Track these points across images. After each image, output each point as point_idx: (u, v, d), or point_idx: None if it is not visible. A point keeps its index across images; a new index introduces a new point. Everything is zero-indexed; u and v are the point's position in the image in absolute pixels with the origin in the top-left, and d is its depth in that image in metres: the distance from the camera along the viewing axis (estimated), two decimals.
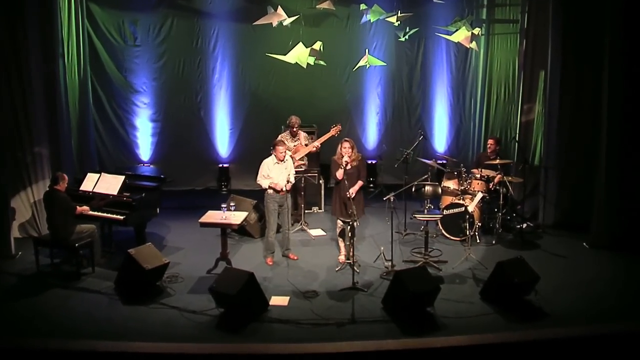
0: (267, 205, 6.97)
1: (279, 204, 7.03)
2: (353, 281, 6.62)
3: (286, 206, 7.07)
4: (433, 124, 11.11)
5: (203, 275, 6.97)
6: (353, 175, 7.16)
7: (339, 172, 7.12)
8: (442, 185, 8.48)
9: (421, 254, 7.42)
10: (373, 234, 8.44)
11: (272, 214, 7.01)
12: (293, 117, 8.47)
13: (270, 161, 7.00)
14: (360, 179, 7.24)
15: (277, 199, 6.99)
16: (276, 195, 6.96)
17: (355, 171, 7.19)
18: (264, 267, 7.21)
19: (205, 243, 7.98)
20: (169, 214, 8.92)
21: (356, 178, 7.19)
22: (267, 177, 6.99)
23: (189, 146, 10.65)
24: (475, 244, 7.88)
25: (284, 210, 7.08)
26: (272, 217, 7.02)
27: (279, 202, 7.02)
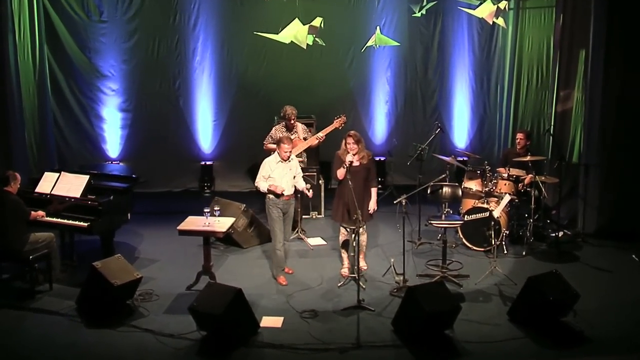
0: (270, 212, 6.93)
1: (283, 210, 7.01)
2: (358, 298, 6.61)
3: (290, 213, 7.07)
4: (452, 114, 11.11)
5: (182, 292, 6.96)
6: (360, 176, 7.14)
7: (340, 171, 7.11)
8: (462, 186, 8.48)
9: (438, 267, 7.41)
10: (382, 243, 8.43)
11: (276, 223, 6.97)
12: (288, 107, 8.48)
13: (273, 160, 6.97)
14: (370, 182, 7.23)
15: (281, 205, 6.96)
16: (279, 201, 6.93)
17: (363, 171, 7.17)
18: (253, 282, 7.20)
19: (185, 254, 7.97)
20: (142, 220, 8.89)
21: (364, 180, 7.18)
22: (268, 178, 6.95)
23: (165, 141, 10.65)
24: (502, 256, 7.88)
25: (287, 218, 7.06)
26: (277, 226, 6.99)
27: (282, 209, 6.99)
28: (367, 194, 7.23)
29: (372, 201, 7.21)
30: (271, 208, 6.93)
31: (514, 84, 10.23)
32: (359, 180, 7.13)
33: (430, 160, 10.36)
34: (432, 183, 7.88)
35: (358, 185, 7.08)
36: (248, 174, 11.04)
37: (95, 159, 10.41)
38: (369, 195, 7.24)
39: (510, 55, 10.33)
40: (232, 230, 7.89)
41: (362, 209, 7.11)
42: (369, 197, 7.24)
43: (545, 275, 6.44)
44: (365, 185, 7.21)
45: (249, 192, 10.92)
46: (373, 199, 7.22)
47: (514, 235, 8.41)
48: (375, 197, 7.25)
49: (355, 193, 6.99)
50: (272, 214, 6.93)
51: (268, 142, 8.58)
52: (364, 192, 7.18)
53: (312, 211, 9.47)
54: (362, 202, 7.09)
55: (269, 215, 6.95)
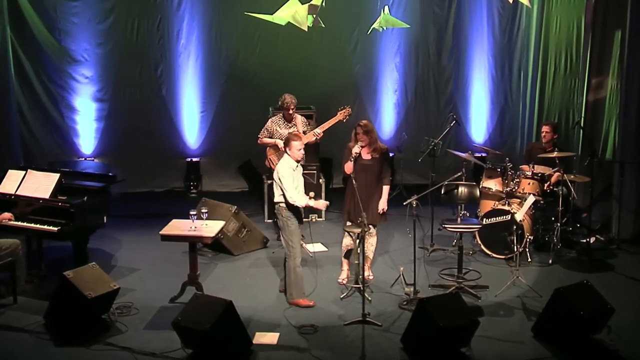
0: (287, 223, 6.80)
1: (299, 221, 6.97)
2: (363, 312, 6.60)
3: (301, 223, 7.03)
4: (469, 105, 11.11)
5: (165, 305, 6.95)
6: (370, 172, 7.14)
7: (347, 165, 7.10)
8: (481, 185, 8.48)
9: (453, 276, 7.41)
10: (390, 250, 8.42)
11: (295, 235, 6.86)
12: (287, 96, 8.46)
13: (288, 165, 6.81)
14: (383, 179, 7.22)
15: (297, 213, 6.93)
16: (297, 208, 6.89)
17: (375, 166, 7.15)
18: (245, 293, 7.19)
19: (168, 262, 7.96)
20: (120, 224, 8.89)
21: (375, 176, 7.16)
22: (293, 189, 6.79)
23: (146, 135, 10.65)
24: (525, 264, 7.87)
25: (300, 229, 7.00)
26: (297, 239, 6.92)
27: (297, 218, 6.95)
28: (378, 193, 7.21)
29: (382, 200, 7.19)
30: (289, 219, 6.84)
31: (540, 70, 10.21)
32: (370, 176, 7.11)
33: (444, 157, 10.35)
34: (446, 182, 7.87)
35: (368, 182, 7.06)
36: (239, 172, 11.04)
37: (67, 155, 10.40)
38: (380, 193, 7.21)
39: (535, 38, 10.31)
40: (221, 236, 7.88)
41: (371, 209, 7.09)
42: (379, 195, 7.21)
43: (574, 286, 6.42)
44: (377, 182, 7.20)
45: (240, 193, 10.93)
46: (383, 198, 7.20)
47: (539, 241, 8.40)
48: (386, 196, 7.23)
49: (364, 191, 6.98)
50: (290, 226, 6.83)
51: (263, 136, 8.57)
52: (376, 191, 7.16)
53: (311, 214, 9.46)
54: (371, 202, 7.08)
55: (286, 227, 6.83)
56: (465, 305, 6.27)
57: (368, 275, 7.42)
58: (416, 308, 6.18)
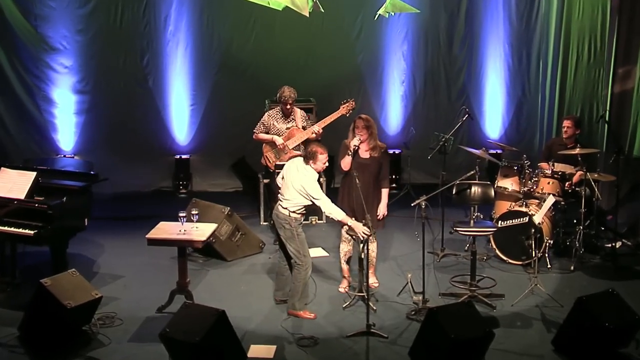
0: (296, 232, 6.79)
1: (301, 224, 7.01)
2: (368, 323, 6.59)
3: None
4: (483, 97, 11.09)
5: (151, 315, 6.94)
6: (368, 171, 7.14)
7: (345, 160, 7.09)
8: (496, 185, 8.46)
9: (466, 284, 7.40)
10: (396, 255, 8.41)
11: (305, 244, 6.92)
12: (286, 88, 8.44)
13: (314, 178, 6.87)
14: (381, 180, 7.22)
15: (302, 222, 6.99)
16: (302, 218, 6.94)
17: (373, 166, 7.16)
18: (239, 302, 7.18)
19: (155, 269, 7.95)
20: (103, 227, 8.87)
21: (373, 176, 7.17)
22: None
23: (131, 130, 10.63)
24: (544, 271, 7.86)
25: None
26: (307, 248, 6.92)
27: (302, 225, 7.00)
28: (377, 196, 7.21)
29: (381, 204, 7.20)
30: (297, 228, 6.88)
31: (560, 59, 10.19)
32: (367, 176, 7.11)
33: (455, 154, 10.32)
34: (458, 181, 7.85)
35: (365, 183, 7.06)
36: (233, 171, 11.02)
37: (44, 152, 10.38)
38: (378, 196, 7.22)
39: (555, 24, 10.28)
40: (213, 239, 7.86)
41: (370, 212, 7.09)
42: (378, 199, 7.21)
43: (599, 295, 6.40)
44: (375, 184, 7.20)
45: (234, 193, 10.92)
46: (383, 202, 7.21)
47: (559, 246, 8.39)
48: (386, 200, 7.24)
49: (363, 191, 6.96)
50: (300, 235, 6.85)
51: (259, 131, 8.56)
52: (373, 193, 7.17)
53: (311, 216, 9.44)
54: (370, 204, 7.08)
55: (295, 236, 6.83)
56: (479, 316, 6.25)
57: (373, 283, 7.41)
58: (425, 318, 6.17)
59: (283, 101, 8.43)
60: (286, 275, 7.07)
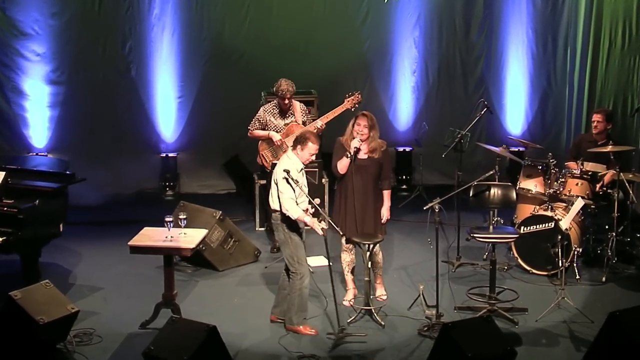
0: (289, 234, 6.77)
1: (300, 229, 6.95)
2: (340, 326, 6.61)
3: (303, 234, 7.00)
4: (504, 88, 11.08)
5: (134, 332, 6.92)
6: (368, 173, 7.16)
7: (342, 162, 7.09)
8: (518, 186, 8.46)
9: (484, 296, 7.39)
10: (407, 265, 8.41)
11: (300, 248, 6.89)
12: (283, 81, 8.42)
13: (294, 166, 6.84)
14: (383, 181, 7.24)
15: (300, 223, 6.90)
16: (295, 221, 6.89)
17: (373, 167, 7.18)
18: (232, 316, 7.17)
19: (139, 280, 7.95)
20: (80, 233, 8.87)
21: (373, 178, 7.18)
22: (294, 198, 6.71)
23: (111, 125, 10.63)
24: (572, 282, 7.85)
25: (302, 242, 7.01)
26: (302, 253, 6.90)
27: (301, 228, 6.93)
28: (378, 199, 7.23)
29: (384, 207, 7.22)
30: (292, 229, 6.83)
31: (591, 46, 10.19)
32: (367, 178, 7.13)
33: (473, 152, 10.33)
34: (475, 182, 7.85)
35: (363, 186, 7.09)
36: (225, 171, 11.02)
37: (14, 150, 10.38)
38: (379, 200, 7.23)
39: (585, 6, 10.30)
40: (203, 247, 7.86)
41: (372, 218, 7.09)
42: (380, 203, 7.23)
43: (633, 310, 6.35)
44: (375, 187, 7.22)
45: (227, 195, 10.91)
46: (386, 205, 7.23)
47: (589, 255, 8.37)
48: (388, 203, 7.25)
49: (360, 197, 7.00)
50: (292, 237, 6.81)
51: (254, 128, 8.56)
52: (373, 197, 7.18)
53: None
54: (371, 210, 7.10)
55: (289, 241, 6.81)
56: (500, 332, 6.24)
57: (381, 295, 7.40)
58: (439, 335, 6.16)
59: (280, 95, 8.42)
60: (287, 289, 7.01)
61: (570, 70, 10.66)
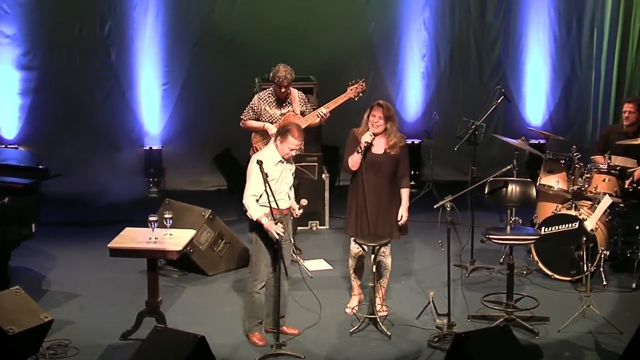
0: (257, 237, 6.83)
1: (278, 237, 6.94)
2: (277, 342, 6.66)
3: (287, 235, 6.98)
4: (523, 74, 11.10)
5: (114, 343, 6.93)
6: (383, 169, 7.15)
7: (353, 157, 7.10)
8: (538, 182, 8.47)
9: (501, 304, 7.40)
10: (416, 269, 8.43)
11: (264, 253, 6.87)
12: (281, 67, 8.36)
13: (270, 159, 6.83)
14: (401, 178, 7.24)
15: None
16: (275, 217, 6.84)
17: (390, 163, 7.17)
18: (222, 326, 7.18)
19: (119, 285, 7.96)
20: (54, 234, 8.89)
21: (388, 175, 7.18)
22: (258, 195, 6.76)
23: (89, 114, 10.67)
24: (599, 289, 7.86)
25: (284, 244, 6.92)
26: (265, 259, 6.93)
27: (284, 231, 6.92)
28: (394, 199, 7.22)
29: (402, 207, 7.21)
30: (262, 230, 6.84)
31: (620, 27, 10.22)
32: (381, 176, 7.13)
33: (488, 145, 10.34)
34: (491, 178, 7.85)
35: (378, 184, 7.09)
36: (215, 165, 11.02)
37: None
38: (396, 199, 7.23)
39: None
40: (191, 249, 7.86)
41: (383, 220, 7.09)
42: (395, 202, 7.23)
43: None
44: (391, 186, 7.21)
45: (217, 192, 10.92)
46: (404, 204, 7.22)
47: (617, 258, 8.38)
48: (407, 202, 7.25)
49: (373, 196, 7.00)
50: (260, 240, 6.86)
51: (247, 118, 8.53)
52: (388, 196, 7.18)
53: (310, 220, 9.43)
54: (385, 211, 7.10)
55: (254, 241, 6.85)
56: (518, 343, 6.22)
57: (380, 310, 7.33)
58: (451, 347, 6.15)
59: (277, 83, 8.37)
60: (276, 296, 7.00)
61: (596, 55, 10.67)
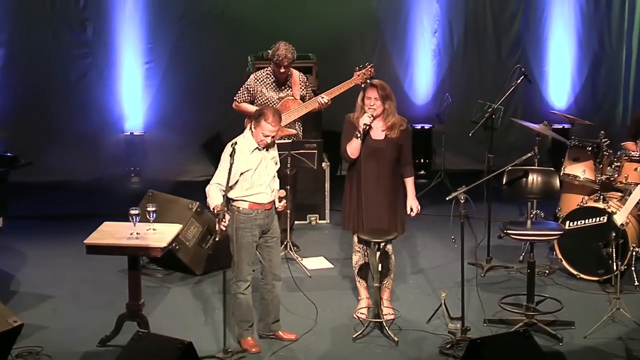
0: (238, 233, 6.81)
1: (262, 228, 6.93)
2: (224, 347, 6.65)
3: (275, 232, 6.97)
4: (545, 52, 11.10)
5: (92, 350, 6.93)
6: (385, 156, 7.14)
7: (351, 144, 7.09)
8: (562, 172, 8.46)
9: (521, 307, 7.40)
10: (426, 268, 8.44)
11: (245, 251, 6.85)
12: (282, 45, 8.32)
13: (246, 145, 6.83)
14: (405, 166, 7.24)
15: (260, 219, 6.88)
16: (256, 212, 6.83)
17: (392, 148, 7.16)
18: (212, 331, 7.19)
19: (97, 286, 7.97)
20: (25, 230, 8.91)
21: (391, 162, 7.17)
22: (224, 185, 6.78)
23: (63, 96, 10.69)
24: (630, 290, 7.87)
25: (272, 241, 6.98)
26: (247, 257, 6.91)
27: (261, 226, 6.92)
28: (397, 188, 7.22)
29: (409, 198, 7.20)
30: (241, 227, 6.83)
31: None
32: (383, 163, 7.11)
33: (507, 130, 10.34)
34: (509, 167, 7.84)
35: (379, 173, 7.07)
36: (204, 153, 11.02)
37: None
38: (399, 189, 7.22)
39: None
40: (176, 246, 7.86)
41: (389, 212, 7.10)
42: (399, 192, 7.22)
43: None
44: (394, 174, 7.20)
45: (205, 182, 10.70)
46: (411, 194, 7.21)
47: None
48: (413, 192, 7.23)
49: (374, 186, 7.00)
50: (241, 237, 6.81)
51: (241, 100, 8.52)
52: (391, 184, 7.17)
53: (309, 214, 9.43)
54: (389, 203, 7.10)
55: (236, 238, 6.80)
56: (540, 351, 6.22)
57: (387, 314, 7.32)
58: (465, 354, 6.16)
59: (277, 62, 8.34)
60: (268, 298, 7.03)
61: (628, 30, 10.67)
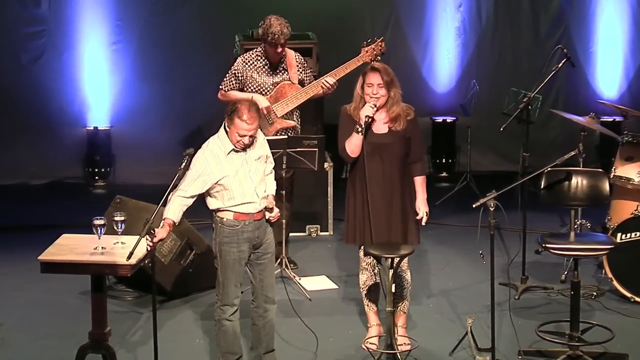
0: (222, 249, 6.79)
1: (252, 242, 6.92)
2: None
3: (269, 248, 6.96)
4: (592, 31, 11.12)
5: None
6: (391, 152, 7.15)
7: (351, 140, 7.09)
8: (612, 174, 8.46)
9: (564, 336, 7.39)
10: (449, 289, 8.48)
11: (231, 270, 6.85)
12: (274, 20, 8.33)
13: (220, 149, 6.84)
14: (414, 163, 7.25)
15: (248, 232, 6.87)
16: (243, 223, 6.83)
17: (398, 143, 7.16)
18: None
19: (54, 310, 8.01)
20: None
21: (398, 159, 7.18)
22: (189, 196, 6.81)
23: (12, 84, 10.78)
24: None
25: (264, 258, 6.96)
26: (234, 276, 6.88)
27: (250, 239, 6.91)
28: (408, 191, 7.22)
29: (418, 200, 7.17)
30: (226, 241, 6.83)
31: None
32: (390, 161, 7.12)
33: (545, 123, 10.34)
34: (549, 168, 7.84)
35: (385, 172, 7.09)
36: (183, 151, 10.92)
37: None
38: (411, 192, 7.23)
39: None
40: (149, 262, 7.85)
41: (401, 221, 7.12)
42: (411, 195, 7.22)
43: None
44: (403, 173, 7.20)
45: None
46: (420, 196, 7.18)
47: None
48: (424, 194, 7.21)
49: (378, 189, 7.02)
50: (226, 254, 6.80)
51: (228, 87, 8.52)
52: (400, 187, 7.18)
53: (309, 224, 9.44)
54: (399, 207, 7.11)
55: (220, 255, 6.83)
56: None
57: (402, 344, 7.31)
58: None
59: (270, 41, 8.35)
60: (259, 324, 7.02)
61: None
